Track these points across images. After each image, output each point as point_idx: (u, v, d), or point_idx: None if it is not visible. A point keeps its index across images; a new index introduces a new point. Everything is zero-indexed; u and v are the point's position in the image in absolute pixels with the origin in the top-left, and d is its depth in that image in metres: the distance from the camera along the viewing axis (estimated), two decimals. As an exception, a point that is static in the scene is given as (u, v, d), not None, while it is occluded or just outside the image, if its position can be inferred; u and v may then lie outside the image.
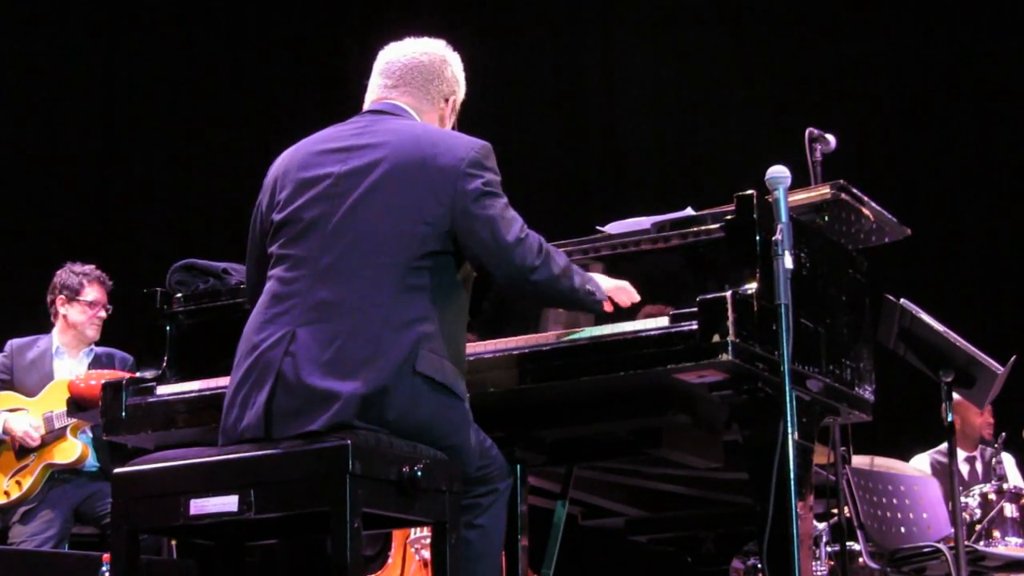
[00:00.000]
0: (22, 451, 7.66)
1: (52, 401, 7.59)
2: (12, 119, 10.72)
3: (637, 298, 4.32)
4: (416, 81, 4.28)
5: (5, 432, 7.63)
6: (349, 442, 3.68)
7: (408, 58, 4.31)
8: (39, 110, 10.96)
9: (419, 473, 3.79)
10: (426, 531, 7.38)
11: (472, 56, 4.40)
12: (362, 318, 3.89)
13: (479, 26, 11.04)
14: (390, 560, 7.55)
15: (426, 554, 7.45)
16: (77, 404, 6.27)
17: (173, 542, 7.22)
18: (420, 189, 3.98)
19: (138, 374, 5.14)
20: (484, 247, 4.00)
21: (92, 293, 8.01)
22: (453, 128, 4.37)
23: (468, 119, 4.39)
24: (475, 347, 4.37)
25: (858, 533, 7.04)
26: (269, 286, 4.08)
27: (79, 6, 11.26)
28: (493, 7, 11.61)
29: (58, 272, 8.08)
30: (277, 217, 4.12)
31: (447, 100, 4.33)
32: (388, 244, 3.95)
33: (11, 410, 7.70)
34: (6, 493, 7.62)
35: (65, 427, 7.64)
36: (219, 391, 4.64)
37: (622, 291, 4.29)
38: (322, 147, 4.17)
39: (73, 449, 7.69)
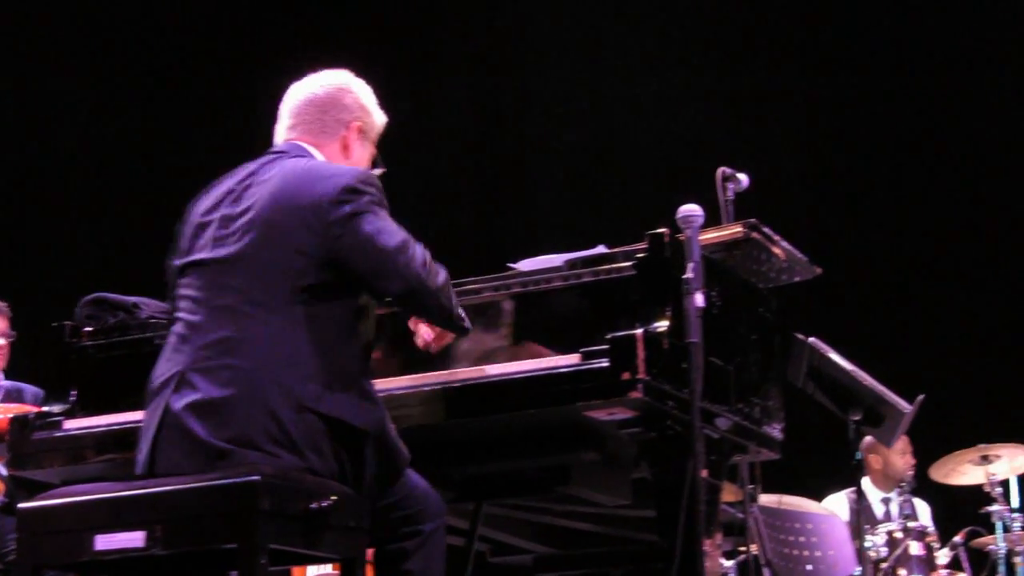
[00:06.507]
0: None
1: None
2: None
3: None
4: (311, 116, 4.28)
5: None
6: (258, 478, 3.65)
7: (304, 95, 4.32)
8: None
9: (327, 510, 3.77)
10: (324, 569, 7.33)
11: (383, 94, 4.40)
12: (254, 356, 3.87)
13: (390, 64, 11.02)
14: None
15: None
16: (-16, 439, 6.18)
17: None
18: (294, 223, 3.95)
19: (46, 408, 5.08)
20: (366, 261, 3.95)
21: None
22: (372, 153, 4.37)
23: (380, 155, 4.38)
24: (386, 383, 4.35)
25: (764, 571, 7.07)
26: (173, 328, 4.10)
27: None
28: (405, 45, 11.61)
29: None
30: (178, 262, 4.15)
31: (348, 126, 4.29)
32: (272, 280, 3.93)
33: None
34: None
35: None
36: (127, 426, 4.61)
37: None
38: (221, 189, 4.19)
39: None
